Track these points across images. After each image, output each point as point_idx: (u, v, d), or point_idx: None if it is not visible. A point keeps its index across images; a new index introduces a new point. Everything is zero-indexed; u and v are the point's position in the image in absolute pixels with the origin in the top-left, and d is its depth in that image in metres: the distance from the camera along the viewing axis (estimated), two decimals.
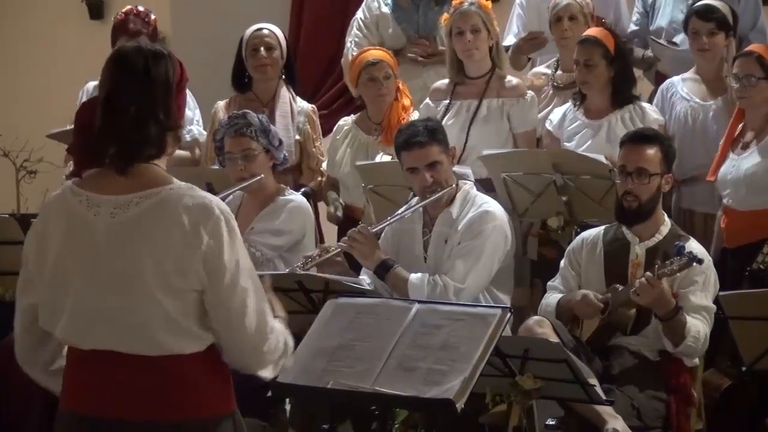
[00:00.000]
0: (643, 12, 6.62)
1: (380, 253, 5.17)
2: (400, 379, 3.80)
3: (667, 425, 4.80)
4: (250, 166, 5.51)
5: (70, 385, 3.01)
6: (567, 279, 5.14)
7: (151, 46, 3.02)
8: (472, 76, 6.12)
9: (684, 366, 4.87)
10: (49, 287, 2.99)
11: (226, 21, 7.90)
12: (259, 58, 6.32)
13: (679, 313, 4.70)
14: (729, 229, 5.56)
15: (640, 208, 4.97)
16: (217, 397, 2.99)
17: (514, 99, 6.04)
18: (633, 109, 5.81)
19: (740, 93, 5.51)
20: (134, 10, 6.67)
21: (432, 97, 6.20)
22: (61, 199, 3.01)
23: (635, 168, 4.96)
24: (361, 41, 6.67)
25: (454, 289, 5.05)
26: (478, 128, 6.03)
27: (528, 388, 4.24)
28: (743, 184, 5.49)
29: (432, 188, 5.17)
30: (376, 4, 6.77)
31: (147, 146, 2.94)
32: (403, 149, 5.21)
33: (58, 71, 8.58)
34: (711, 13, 5.92)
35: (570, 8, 6.16)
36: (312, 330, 4.08)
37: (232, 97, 6.45)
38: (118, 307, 2.90)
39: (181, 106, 3.02)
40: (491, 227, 5.15)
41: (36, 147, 7.42)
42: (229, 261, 2.91)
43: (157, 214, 2.90)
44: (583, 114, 5.89)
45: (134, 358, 2.91)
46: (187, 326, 2.91)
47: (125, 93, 2.94)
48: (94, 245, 2.92)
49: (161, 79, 2.95)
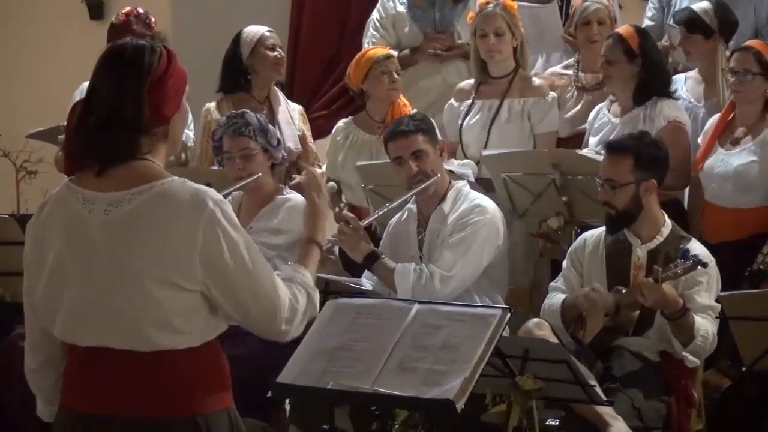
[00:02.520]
0: (658, 7, 6.65)
1: (368, 245, 5.19)
2: (400, 380, 3.80)
3: (668, 426, 4.80)
4: (249, 166, 5.51)
5: (68, 383, 3.02)
6: (569, 279, 5.14)
7: (135, 40, 2.99)
8: (495, 76, 6.15)
9: (684, 367, 4.87)
10: (47, 285, 2.99)
11: (226, 21, 7.89)
12: (277, 57, 6.38)
13: (687, 312, 4.70)
14: (710, 224, 5.56)
15: (619, 216, 4.99)
16: (213, 394, 2.98)
17: (535, 99, 6.07)
18: (651, 106, 5.79)
19: (735, 87, 5.52)
20: (134, 12, 6.67)
21: (456, 98, 6.26)
22: (60, 196, 3.01)
23: (605, 179, 4.99)
24: (379, 41, 6.69)
25: (440, 276, 5.06)
26: (500, 128, 6.06)
27: (528, 389, 4.24)
28: (731, 181, 5.51)
29: (418, 178, 5.19)
30: (391, 3, 6.78)
31: (115, 148, 2.91)
32: (389, 140, 5.29)
33: (58, 71, 8.57)
34: (684, 17, 6.00)
35: (599, 12, 6.22)
36: (312, 330, 4.07)
37: (223, 97, 6.44)
38: (113, 303, 2.89)
39: (164, 99, 2.94)
40: (482, 220, 5.16)
41: (36, 147, 7.42)
42: (228, 250, 2.89)
43: (151, 209, 2.89)
44: (611, 112, 5.91)
45: (128, 354, 2.90)
46: (182, 322, 2.90)
47: (99, 91, 2.91)
48: (89, 242, 2.92)
49: (136, 71, 2.90)
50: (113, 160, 2.92)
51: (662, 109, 5.78)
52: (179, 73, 2.99)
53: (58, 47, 8.78)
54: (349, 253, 5.23)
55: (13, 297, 5.62)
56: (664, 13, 6.62)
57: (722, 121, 5.63)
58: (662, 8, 6.65)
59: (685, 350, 4.78)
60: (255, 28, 6.47)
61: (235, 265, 2.90)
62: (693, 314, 4.73)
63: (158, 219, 2.88)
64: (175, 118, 3.00)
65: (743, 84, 5.49)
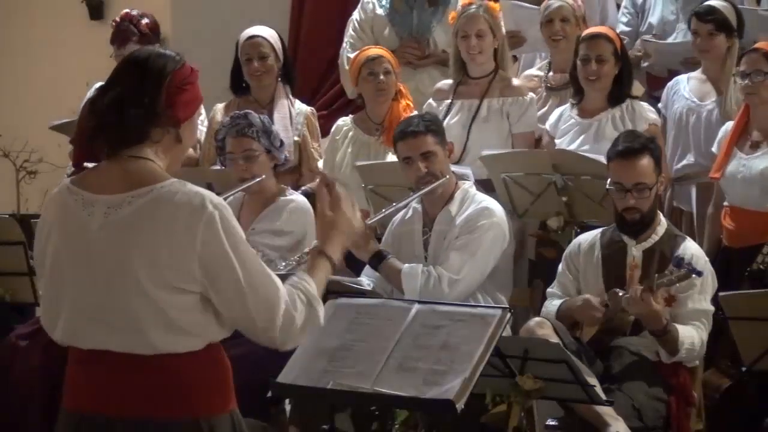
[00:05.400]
0: (633, 12, 6.64)
1: (375, 244, 5.18)
2: (400, 380, 3.80)
3: (668, 426, 4.80)
4: (252, 167, 5.51)
5: (70, 384, 3.02)
6: (565, 285, 5.13)
7: (161, 50, 3.04)
8: (474, 76, 6.14)
9: (684, 366, 4.87)
10: (47, 288, 2.99)
11: (226, 21, 7.90)
12: (252, 68, 6.35)
13: (667, 332, 4.71)
14: (735, 229, 5.54)
15: (643, 218, 4.97)
16: (215, 396, 2.99)
17: (513, 98, 6.06)
18: (625, 107, 5.81)
19: (748, 89, 5.51)
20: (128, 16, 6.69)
21: (435, 97, 6.22)
22: (59, 197, 3.01)
23: (633, 184, 4.94)
24: (357, 42, 6.68)
25: (448, 280, 5.06)
26: (479, 128, 6.04)
27: (528, 389, 4.24)
28: (758, 185, 5.48)
29: (426, 179, 5.19)
30: (371, 5, 6.77)
31: (124, 130, 2.92)
32: (398, 140, 5.27)
33: (58, 71, 8.58)
34: (710, 15, 5.95)
35: (562, 10, 6.20)
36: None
37: (232, 99, 6.46)
38: (112, 307, 2.90)
39: (178, 103, 2.97)
40: (489, 223, 5.16)
41: (36, 147, 7.43)
42: (227, 253, 2.89)
43: (150, 212, 2.89)
44: (578, 113, 5.90)
45: (129, 357, 2.91)
46: (182, 325, 2.90)
47: (116, 80, 2.95)
48: (89, 245, 2.92)
49: (155, 69, 2.95)
50: (123, 142, 2.93)
51: (642, 111, 5.80)
52: (197, 90, 3.04)
53: (59, 47, 8.78)
54: (355, 251, 5.22)
55: (13, 297, 5.62)
56: (638, 18, 6.62)
57: (738, 126, 5.62)
58: (637, 14, 6.64)
59: (671, 359, 4.79)
60: (246, 32, 6.45)
61: (232, 268, 2.90)
62: (677, 327, 4.74)
63: (158, 222, 2.88)
64: (185, 126, 3.01)
65: (756, 85, 5.49)
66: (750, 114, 5.60)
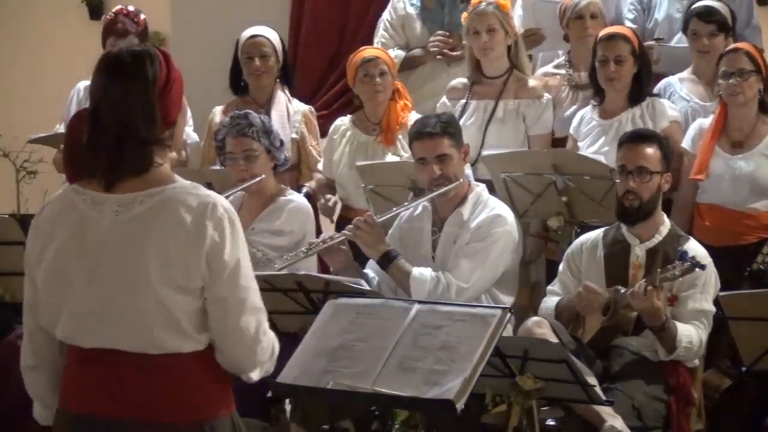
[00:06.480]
0: (639, 9, 6.63)
1: (385, 244, 5.18)
2: (400, 380, 3.80)
3: (668, 425, 4.80)
4: (252, 167, 5.51)
5: (69, 385, 3.02)
6: (566, 284, 5.13)
7: (131, 48, 2.99)
8: (489, 76, 6.13)
9: (684, 366, 4.87)
10: (49, 287, 2.99)
11: (225, 21, 7.89)
12: (253, 66, 6.34)
13: (665, 328, 4.71)
14: (716, 228, 5.53)
15: (642, 207, 4.96)
16: (216, 398, 2.99)
17: (529, 100, 6.06)
18: (645, 106, 5.80)
19: (732, 89, 5.50)
20: (123, 10, 6.68)
21: (449, 96, 6.22)
22: (64, 198, 3.01)
23: (635, 167, 4.96)
24: (388, 42, 6.67)
25: (456, 288, 5.05)
26: (495, 129, 6.04)
27: (528, 389, 4.23)
28: (746, 185, 5.47)
29: (439, 181, 5.17)
30: (401, 4, 6.75)
31: (129, 165, 2.92)
32: (414, 139, 5.23)
33: (58, 71, 8.56)
34: (711, 15, 5.95)
35: (591, 7, 6.20)
36: (312, 330, 4.07)
37: (231, 101, 6.45)
38: (120, 305, 2.90)
39: (171, 106, 2.97)
40: (501, 231, 5.14)
41: (36, 147, 7.41)
42: (231, 259, 2.92)
43: (162, 212, 2.91)
44: (599, 115, 5.89)
45: (135, 356, 2.91)
46: (188, 325, 2.91)
47: (107, 106, 2.92)
48: (98, 244, 2.92)
49: (142, 84, 2.92)
50: (126, 177, 2.93)
51: (662, 108, 5.79)
52: (178, 76, 3.01)
53: (58, 47, 8.78)
54: (364, 249, 5.22)
55: (13, 297, 5.62)
56: (644, 15, 6.61)
57: (717, 125, 5.61)
58: (643, 11, 6.63)
59: (669, 357, 4.79)
60: (247, 31, 6.45)
61: (232, 272, 2.92)
62: (676, 324, 4.74)
63: (168, 222, 2.90)
64: (178, 118, 3.02)
65: (741, 84, 5.48)
66: (728, 113, 5.59)
